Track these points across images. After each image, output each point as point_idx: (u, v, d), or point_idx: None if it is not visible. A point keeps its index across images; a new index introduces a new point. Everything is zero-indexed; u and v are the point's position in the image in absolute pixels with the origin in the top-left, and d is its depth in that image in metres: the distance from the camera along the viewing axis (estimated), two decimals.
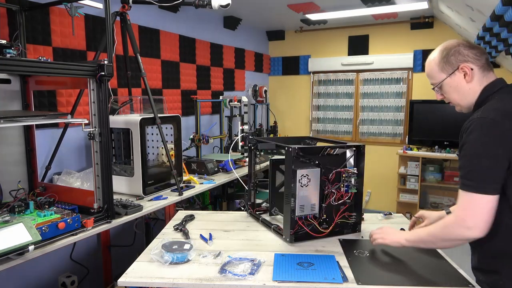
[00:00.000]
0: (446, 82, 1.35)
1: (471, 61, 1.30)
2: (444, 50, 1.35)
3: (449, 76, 1.33)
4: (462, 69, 1.30)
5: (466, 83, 1.31)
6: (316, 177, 1.57)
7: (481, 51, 1.32)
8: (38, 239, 1.45)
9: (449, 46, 1.34)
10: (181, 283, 1.28)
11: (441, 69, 1.35)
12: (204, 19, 4.05)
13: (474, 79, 1.30)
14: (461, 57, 1.31)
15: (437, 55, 1.36)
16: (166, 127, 2.69)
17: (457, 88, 1.34)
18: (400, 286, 1.26)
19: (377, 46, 4.98)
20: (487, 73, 1.31)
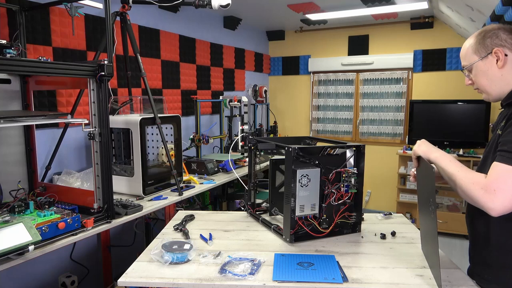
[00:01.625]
0: (477, 65, 1.27)
1: (508, 47, 1.21)
2: (482, 32, 1.27)
3: (481, 59, 1.25)
4: (495, 53, 1.22)
5: (498, 68, 1.23)
6: (316, 177, 1.56)
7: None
8: (38, 239, 1.45)
9: (489, 28, 1.26)
10: (181, 283, 1.28)
11: (475, 51, 1.27)
12: (204, 19, 4.05)
13: (508, 66, 1.22)
14: (497, 40, 1.22)
15: (473, 37, 1.29)
16: (166, 127, 2.69)
17: (487, 73, 1.25)
18: None
19: (377, 46, 4.98)
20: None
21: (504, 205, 1.06)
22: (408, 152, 4.52)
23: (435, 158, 1.27)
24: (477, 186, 1.11)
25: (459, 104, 4.33)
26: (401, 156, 4.62)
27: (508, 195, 1.06)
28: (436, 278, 1.23)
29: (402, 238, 1.68)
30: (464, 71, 1.35)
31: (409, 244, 1.61)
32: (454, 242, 4.02)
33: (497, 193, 1.07)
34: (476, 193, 1.11)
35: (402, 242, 1.63)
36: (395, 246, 1.59)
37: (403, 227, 1.82)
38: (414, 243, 1.62)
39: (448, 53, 4.56)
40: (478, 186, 1.11)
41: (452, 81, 4.55)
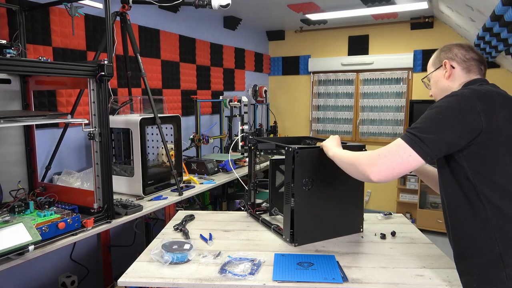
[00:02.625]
0: (432, 75, 1.40)
1: (456, 60, 1.32)
2: (442, 48, 1.39)
3: (435, 70, 1.38)
4: (444, 64, 1.33)
5: (445, 79, 1.33)
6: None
7: (475, 56, 1.31)
8: (38, 239, 1.45)
9: (447, 44, 1.38)
10: (181, 283, 1.28)
11: (433, 63, 1.41)
12: (204, 19, 4.05)
13: (454, 77, 1.32)
14: (449, 54, 1.33)
15: (437, 51, 1.41)
16: (166, 127, 2.69)
17: (437, 83, 1.37)
18: None
19: (377, 46, 4.98)
20: (472, 74, 1.30)
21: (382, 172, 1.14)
22: None
23: (332, 155, 1.42)
24: (364, 157, 1.21)
25: None
26: None
27: (387, 164, 1.13)
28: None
29: (402, 238, 1.68)
30: (424, 80, 1.48)
31: (409, 244, 1.61)
32: None
33: (380, 158, 1.15)
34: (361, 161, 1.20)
35: (402, 242, 1.63)
36: (395, 246, 1.59)
37: (403, 227, 1.83)
38: (414, 243, 1.62)
39: None
40: (365, 155, 1.21)
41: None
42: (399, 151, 1.13)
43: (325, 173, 1.59)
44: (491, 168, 1.11)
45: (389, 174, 1.14)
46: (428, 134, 1.11)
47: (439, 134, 1.10)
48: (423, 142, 1.10)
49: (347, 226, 1.70)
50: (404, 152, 1.12)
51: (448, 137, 1.10)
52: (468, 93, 1.14)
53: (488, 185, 1.11)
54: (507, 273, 1.07)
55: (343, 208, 1.67)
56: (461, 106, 1.11)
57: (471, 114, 1.10)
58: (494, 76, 4.28)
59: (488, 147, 1.10)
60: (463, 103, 1.12)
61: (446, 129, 1.10)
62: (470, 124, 1.09)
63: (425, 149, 1.10)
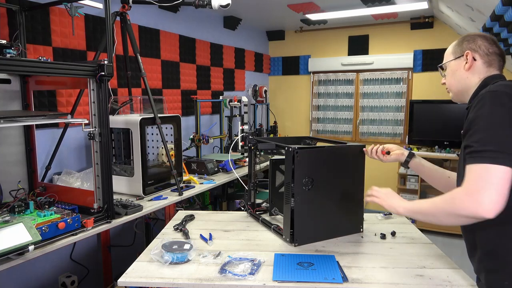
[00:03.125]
0: (450, 64, 1.36)
1: (479, 53, 1.28)
2: (464, 36, 1.34)
3: (454, 59, 1.34)
4: (466, 55, 1.29)
5: (465, 70, 1.30)
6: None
7: (498, 51, 1.28)
8: (38, 239, 1.45)
9: (471, 33, 1.33)
10: (181, 283, 1.28)
11: (452, 52, 1.36)
12: (204, 19, 4.05)
13: (474, 70, 1.28)
14: (472, 45, 1.29)
15: (457, 39, 1.37)
16: (166, 127, 2.69)
17: (455, 73, 1.33)
18: None
19: (377, 46, 4.98)
20: (492, 69, 1.28)
21: (495, 202, 1.01)
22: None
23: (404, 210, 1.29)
24: (458, 199, 1.07)
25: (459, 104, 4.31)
26: None
27: (493, 193, 1.01)
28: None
29: (402, 238, 1.68)
30: (439, 69, 1.42)
31: (409, 244, 1.61)
32: (454, 242, 4.02)
33: (482, 193, 1.02)
34: (462, 205, 1.05)
35: (402, 242, 1.63)
36: (395, 246, 1.59)
37: (403, 227, 1.83)
38: (414, 243, 1.62)
39: None
40: (460, 198, 1.06)
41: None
42: (493, 175, 1.02)
43: (325, 173, 1.59)
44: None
45: (502, 202, 1.02)
46: (503, 143, 1.04)
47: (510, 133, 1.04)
48: (505, 153, 1.03)
49: (347, 226, 1.70)
50: (498, 172, 1.02)
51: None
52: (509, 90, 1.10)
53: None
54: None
55: (343, 208, 1.67)
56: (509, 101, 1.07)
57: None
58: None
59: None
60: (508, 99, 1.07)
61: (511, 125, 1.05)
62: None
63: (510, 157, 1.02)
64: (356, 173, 1.68)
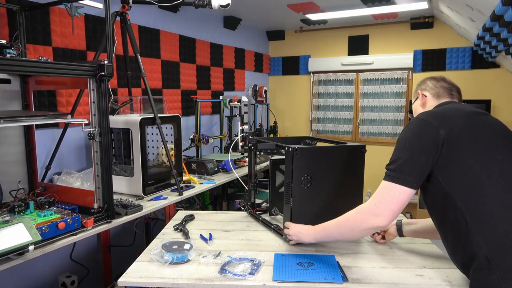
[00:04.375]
0: (413, 106, 1.58)
1: (427, 90, 1.50)
2: (418, 82, 1.58)
3: (415, 100, 1.56)
4: (418, 94, 1.53)
5: (420, 107, 1.51)
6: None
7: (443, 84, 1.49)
8: (38, 239, 1.45)
9: (424, 79, 1.57)
10: (181, 283, 1.28)
11: (413, 97, 1.60)
12: (204, 19, 4.05)
13: (427, 104, 1.48)
14: (423, 86, 1.53)
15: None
16: (166, 127, 2.69)
17: (416, 111, 1.53)
18: None
19: (377, 46, 4.98)
20: (443, 98, 1.46)
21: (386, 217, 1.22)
22: None
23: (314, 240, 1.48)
24: (361, 212, 1.30)
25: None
26: None
27: (385, 207, 1.22)
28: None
29: (402, 238, 1.68)
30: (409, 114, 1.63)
31: (409, 244, 1.61)
32: None
33: (378, 207, 1.24)
34: (364, 217, 1.28)
35: (402, 242, 1.63)
36: (395, 246, 1.59)
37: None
38: (414, 243, 1.62)
39: (448, 53, 4.56)
40: (362, 211, 1.29)
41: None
42: (389, 193, 1.22)
43: (324, 172, 1.59)
44: (459, 175, 1.18)
45: (393, 216, 1.23)
46: (404, 165, 1.21)
47: (412, 160, 1.20)
48: (404, 174, 1.20)
49: None
50: (394, 191, 1.21)
51: (421, 159, 1.20)
52: (422, 115, 1.28)
53: (461, 192, 1.17)
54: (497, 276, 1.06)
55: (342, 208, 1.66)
56: (420, 128, 1.24)
57: (431, 132, 1.21)
58: (494, 76, 4.28)
59: (452, 156, 1.18)
60: (421, 125, 1.24)
61: (416, 153, 1.20)
62: (432, 140, 1.19)
63: (408, 179, 1.20)
64: (355, 173, 1.68)
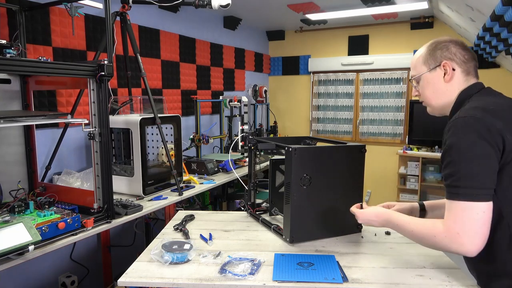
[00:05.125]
0: (424, 76, 1.27)
1: (456, 61, 1.22)
2: (434, 43, 1.27)
3: (429, 70, 1.26)
4: (444, 66, 1.23)
5: (444, 82, 1.23)
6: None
7: (471, 55, 1.23)
8: (38, 239, 1.45)
9: (441, 40, 1.27)
10: (181, 283, 1.28)
11: (424, 62, 1.27)
12: (204, 19, 4.05)
13: (454, 80, 1.22)
14: (447, 53, 1.23)
15: (425, 47, 1.29)
16: (166, 127, 2.69)
17: (434, 86, 1.26)
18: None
19: (377, 46, 4.98)
20: (470, 78, 1.23)
21: (476, 245, 1.04)
22: (408, 152, 4.52)
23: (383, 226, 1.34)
24: (440, 237, 1.09)
25: None
26: (401, 156, 4.62)
27: (473, 233, 1.03)
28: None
29: (402, 238, 1.68)
30: (412, 81, 1.34)
31: (409, 244, 1.61)
32: None
33: (462, 235, 1.04)
34: (444, 244, 1.09)
35: (402, 242, 1.63)
36: (395, 246, 1.59)
37: None
38: (414, 243, 1.61)
39: None
40: (441, 237, 1.09)
41: None
42: (471, 215, 1.03)
43: (324, 172, 1.59)
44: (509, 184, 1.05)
45: (483, 239, 1.04)
46: (481, 175, 1.03)
47: (485, 168, 1.03)
48: (482, 188, 1.03)
49: (346, 225, 1.70)
50: (476, 211, 1.03)
51: (495, 165, 1.03)
52: (480, 114, 1.06)
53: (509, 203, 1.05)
54: None
55: (342, 208, 1.67)
56: (484, 129, 1.03)
57: (496, 135, 1.03)
58: (494, 76, 4.28)
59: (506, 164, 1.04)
60: (484, 125, 1.04)
61: (486, 160, 1.03)
62: (497, 144, 1.03)
63: (486, 192, 1.03)
64: (355, 173, 1.68)
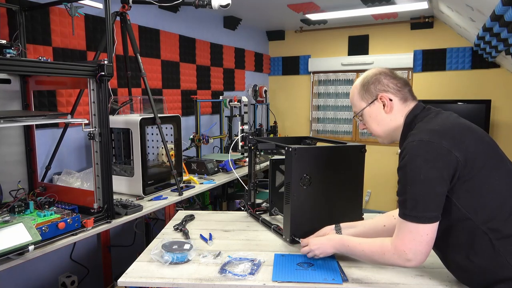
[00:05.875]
0: (366, 111, 1.31)
1: (391, 92, 1.26)
2: (365, 78, 1.31)
3: (368, 105, 1.29)
4: (381, 99, 1.27)
5: (386, 114, 1.27)
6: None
7: (403, 82, 1.27)
8: (38, 239, 1.45)
9: (370, 74, 1.30)
10: (181, 283, 1.28)
11: (362, 98, 1.31)
12: (204, 19, 4.05)
13: (394, 109, 1.26)
14: (380, 86, 1.27)
15: (359, 82, 1.33)
16: (166, 127, 2.69)
17: (377, 118, 1.29)
18: None
19: (377, 46, 4.98)
20: (409, 102, 1.27)
21: (420, 260, 1.12)
22: None
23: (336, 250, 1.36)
24: (388, 255, 1.17)
25: (459, 104, 4.33)
26: None
27: (418, 251, 1.11)
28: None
29: None
30: (355, 117, 1.37)
31: None
32: None
33: (408, 253, 1.12)
34: (392, 260, 1.17)
35: None
36: None
37: None
38: None
39: (448, 53, 4.56)
40: (390, 254, 1.16)
41: (452, 81, 4.55)
42: (417, 237, 1.10)
43: (324, 172, 1.59)
44: (478, 195, 1.08)
45: (426, 256, 1.12)
46: (426, 201, 1.08)
47: (431, 193, 1.08)
48: (428, 211, 1.08)
49: None
50: (422, 233, 1.09)
51: (440, 189, 1.08)
52: (427, 137, 1.10)
53: (482, 212, 1.08)
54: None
55: (342, 208, 1.67)
56: (431, 153, 1.08)
57: (445, 155, 1.07)
58: (494, 76, 4.28)
59: (471, 177, 1.08)
60: (431, 149, 1.08)
61: (433, 184, 1.07)
62: (449, 164, 1.07)
63: (433, 215, 1.09)
64: (355, 173, 1.68)
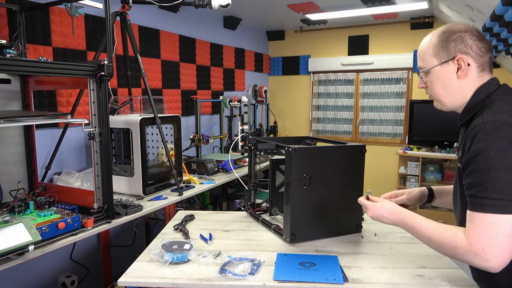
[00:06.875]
0: (434, 70, 1.14)
1: (471, 55, 1.09)
2: (447, 32, 1.12)
3: (440, 64, 1.12)
4: (458, 61, 1.10)
5: (457, 78, 1.11)
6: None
7: (488, 47, 1.10)
8: (38, 239, 1.45)
9: (455, 28, 1.11)
10: (181, 283, 1.28)
11: (435, 54, 1.14)
12: (204, 19, 4.05)
13: (468, 77, 1.10)
14: (462, 46, 1.09)
15: (436, 35, 1.15)
16: (166, 127, 2.69)
17: (445, 81, 1.13)
18: None
19: (377, 46, 4.98)
20: (485, 73, 1.12)
21: (501, 260, 0.95)
22: (408, 152, 4.52)
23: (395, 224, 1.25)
24: (461, 250, 1.01)
25: None
26: (401, 156, 4.62)
27: (499, 249, 0.95)
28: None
29: (402, 238, 1.68)
30: (419, 73, 1.22)
31: (409, 244, 1.61)
32: None
33: (487, 252, 0.96)
34: (465, 257, 1.01)
35: (402, 242, 1.63)
36: (395, 246, 1.59)
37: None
38: (414, 243, 1.62)
39: None
40: (463, 250, 1.01)
41: None
42: (499, 230, 0.94)
43: (324, 172, 1.59)
44: None
45: (509, 255, 0.96)
46: (507, 188, 0.94)
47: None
48: (510, 200, 0.94)
49: (346, 226, 1.70)
50: (504, 226, 0.94)
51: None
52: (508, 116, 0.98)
53: None
54: None
55: (342, 208, 1.67)
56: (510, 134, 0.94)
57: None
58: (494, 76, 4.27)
59: None
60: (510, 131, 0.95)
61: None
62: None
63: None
64: (355, 173, 1.68)
